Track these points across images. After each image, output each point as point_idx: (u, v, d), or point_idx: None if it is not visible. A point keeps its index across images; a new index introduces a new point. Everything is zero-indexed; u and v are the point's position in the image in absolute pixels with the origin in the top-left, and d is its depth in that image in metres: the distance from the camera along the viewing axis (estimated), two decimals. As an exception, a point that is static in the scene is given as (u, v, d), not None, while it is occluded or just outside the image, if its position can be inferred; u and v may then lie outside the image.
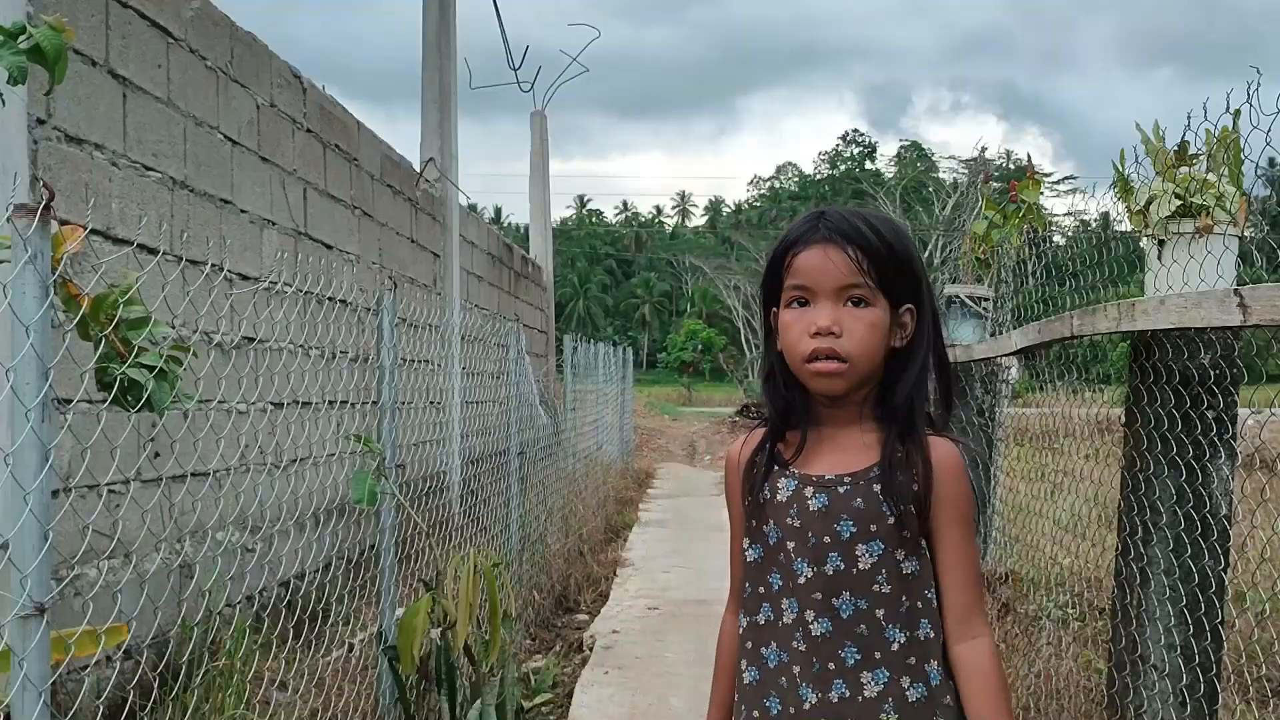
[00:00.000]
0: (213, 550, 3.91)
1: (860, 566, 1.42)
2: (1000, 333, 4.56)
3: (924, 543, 1.45)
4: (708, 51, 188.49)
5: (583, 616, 5.70)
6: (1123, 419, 2.90)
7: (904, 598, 1.43)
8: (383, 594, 3.30)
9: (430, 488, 5.40)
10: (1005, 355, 4.02)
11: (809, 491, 1.45)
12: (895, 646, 1.42)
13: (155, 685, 2.89)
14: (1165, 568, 2.61)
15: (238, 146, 4.64)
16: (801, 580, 1.43)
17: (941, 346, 1.51)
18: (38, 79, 1.85)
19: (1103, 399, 3.99)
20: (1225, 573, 2.57)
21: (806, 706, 1.42)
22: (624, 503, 10.11)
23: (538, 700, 4.13)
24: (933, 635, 1.44)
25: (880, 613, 1.42)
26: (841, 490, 1.44)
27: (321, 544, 4.19)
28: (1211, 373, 2.53)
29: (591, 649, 4.92)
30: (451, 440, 7.17)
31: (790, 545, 1.45)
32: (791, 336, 1.43)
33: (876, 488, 1.43)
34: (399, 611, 3.18)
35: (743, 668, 1.50)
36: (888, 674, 1.41)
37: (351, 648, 3.83)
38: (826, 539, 1.43)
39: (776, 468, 1.49)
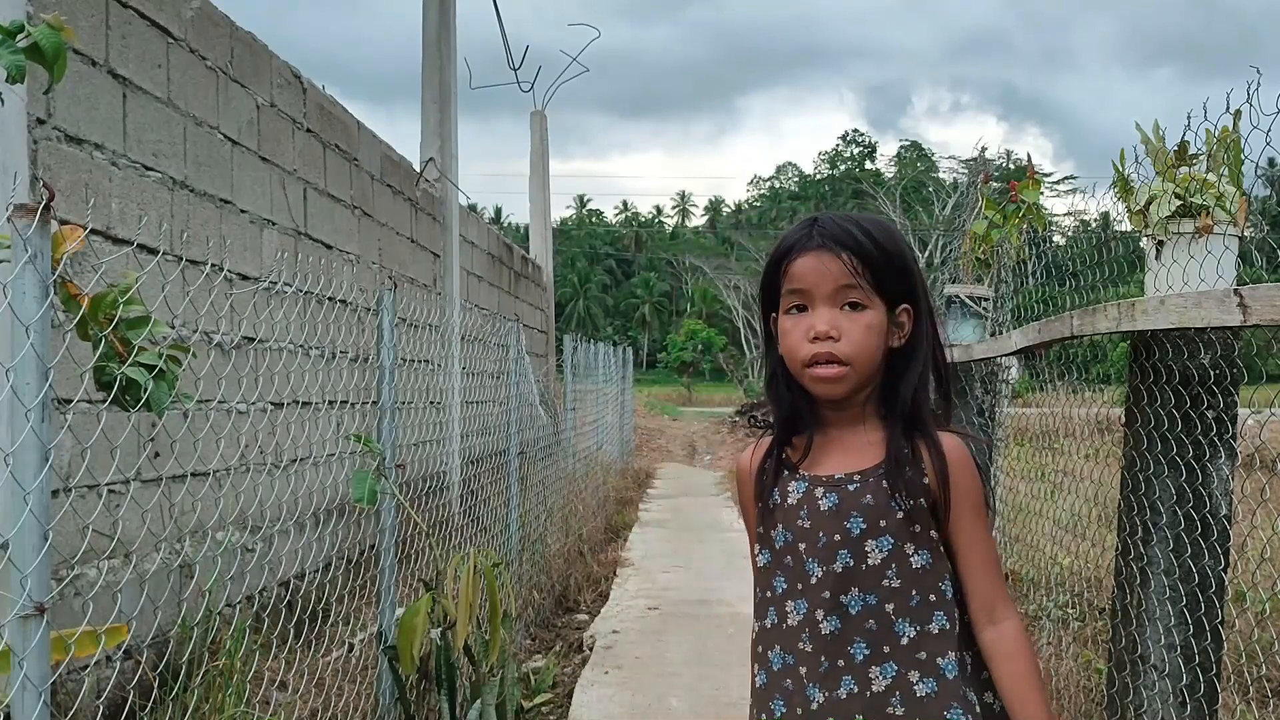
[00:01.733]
0: (213, 550, 3.91)
1: (870, 562, 1.43)
2: (1000, 333, 4.56)
3: (935, 535, 1.46)
4: (708, 51, 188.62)
5: (583, 616, 5.70)
6: (1123, 419, 2.90)
7: (914, 591, 1.44)
8: (383, 594, 3.30)
9: (430, 488, 5.40)
10: (1005, 355, 4.01)
11: (819, 492, 1.46)
12: (905, 640, 1.43)
13: (155, 685, 2.89)
14: (1165, 568, 2.61)
15: (238, 146, 4.64)
16: (813, 580, 1.45)
17: (939, 344, 1.52)
18: (37, 79, 1.85)
19: (1103, 399, 3.99)
20: (1225, 573, 2.57)
21: (814, 706, 1.43)
22: (624, 503, 10.11)
23: (538, 700, 4.13)
24: (948, 628, 1.44)
25: (889, 607, 1.43)
26: (851, 488, 1.45)
27: (321, 544, 4.18)
28: (1211, 373, 2.53)
29: (591, 649, 4.92)
30: (451, 440, 7.17)
31: (801, 547, 1.46)
32: (791, 342, 1.45)
33: (885, 484, 1.44)
34: (399, 611, 3.17)
35: (754, 672, 1.53)
36: (896, 668, 1.42)
37: (351, 648, 3.83)
38: (837, 536, 1.44)
39: (785, 472, 1.50)
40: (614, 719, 3.96)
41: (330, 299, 4.57)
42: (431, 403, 6.68)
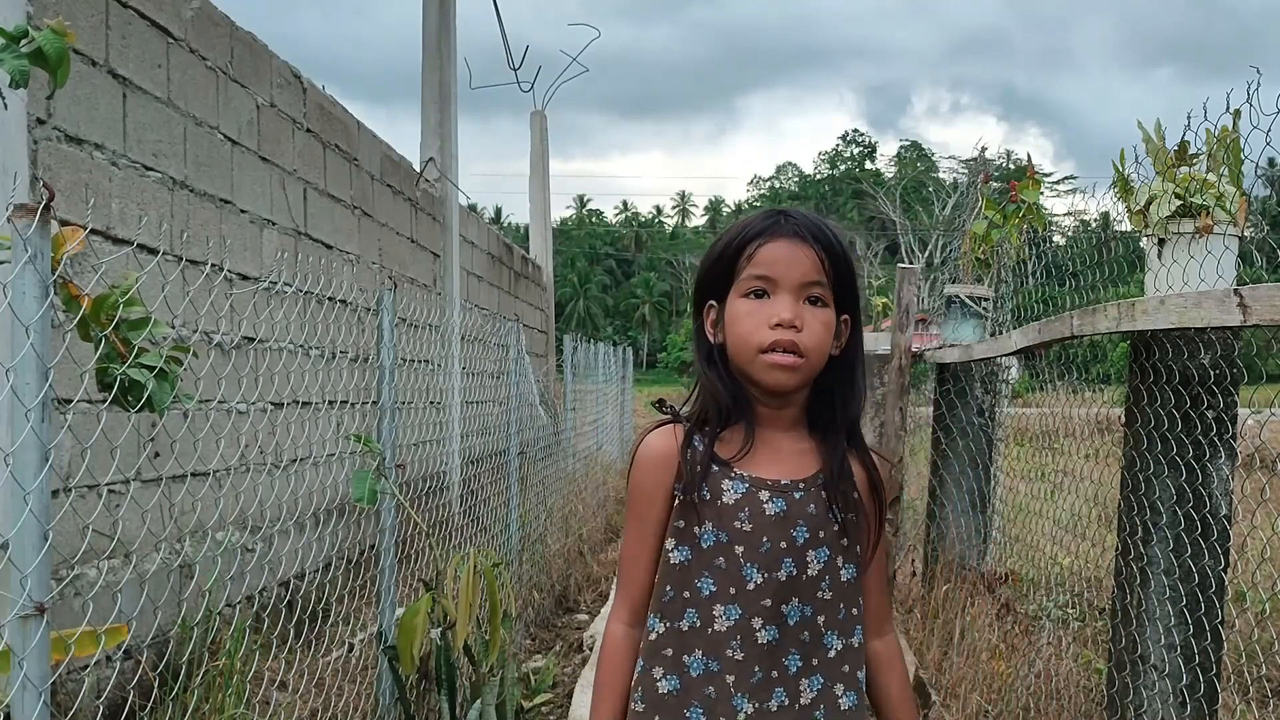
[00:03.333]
0: (213, 550, 3.91)
1: (810, 573, 1.41)
2: (1000, 333, 4.56)
3: (859, 550, 1.46)
4: (708, 51, 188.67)
5: (583, 616, 5.70)
6: (1123, 419, 2.90)
7: (841, 605, 1.44)
8: (383, 594, 3.30)
9: (430, 488, 5.40)
10: (1005, 355, 4.01)
11: (764, 495, 1.41)
12: (832, 654, 1.43)
13: (155, 685, 2.89)
14: (1165, 568, 2.62)
15: (238, 146, 4.64)
16: (750, 586, 1.39)
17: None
18: (39, 80, 1.85)
19: (1103, 399, 3.99)
20: (1225, 573, 2.57)
21: (741, 717, 1.39)
22: (624, 503, 10.08)
23: (538, 700, 4.13)
24: (863, 642, 1.47)
25: (821, 619, 1.43)
26: (797, 495, 1.42)
27: (321, 544, 4.18)
28: (1211, 373, 2.53)
29: (591, 649, 4.92)
30: (451, 440, 7.17)
31: (739, 550, 1.40)
32: (748, 326, 1.39)
33: (824, 494, 1.42)
34: (399, 611, 3.18)
35: (657, 676, 1.43)
36: (823, 680, 1.42)
37: (351, 648, 3.83)
38: (783, 544, 1.40)
39: (716, 468, 1.42)
40: (614, 719, 3.96)
41: (330, 299, 4.57)
42: (431, 403, 6.68)
